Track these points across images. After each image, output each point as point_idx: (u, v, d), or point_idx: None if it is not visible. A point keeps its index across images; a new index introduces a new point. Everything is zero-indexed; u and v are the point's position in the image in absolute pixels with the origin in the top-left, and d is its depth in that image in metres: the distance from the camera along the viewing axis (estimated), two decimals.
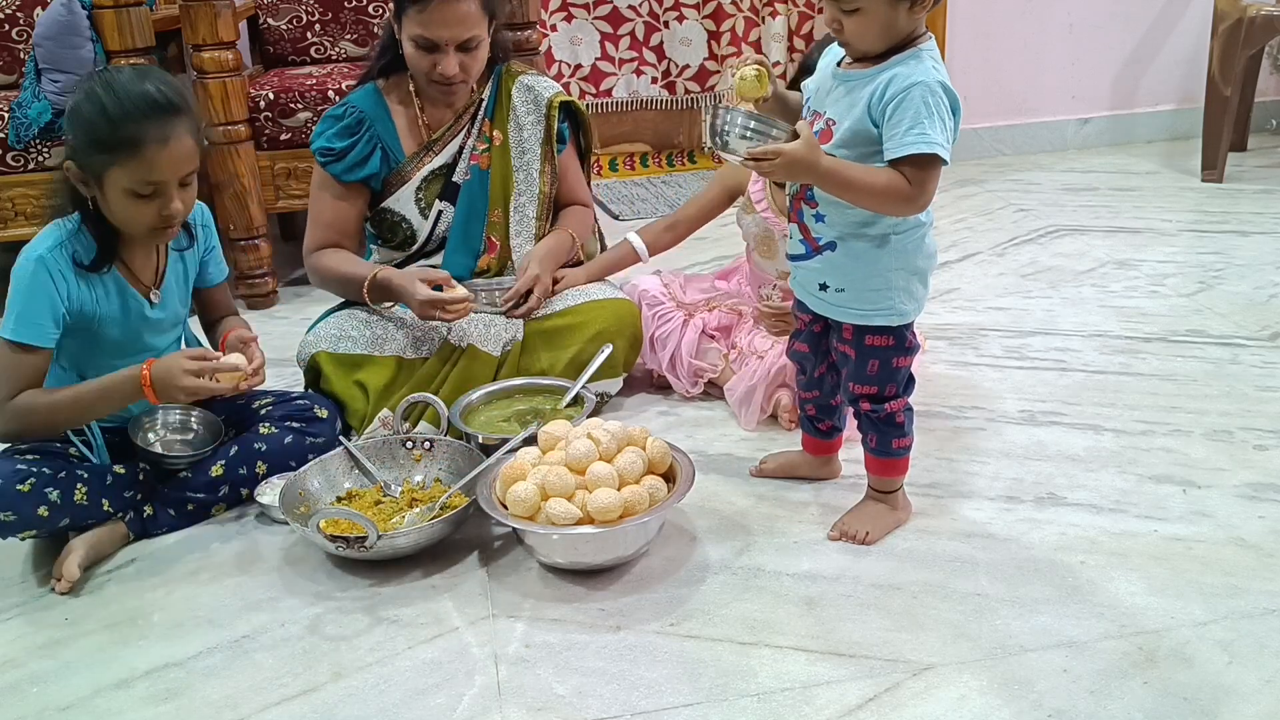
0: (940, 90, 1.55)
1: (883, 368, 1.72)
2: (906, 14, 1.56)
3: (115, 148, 1.68)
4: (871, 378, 1.72)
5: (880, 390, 1.73)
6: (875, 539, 1.76)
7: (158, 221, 1.75)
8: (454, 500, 1.80)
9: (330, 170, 2.25)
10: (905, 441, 1.77)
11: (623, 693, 1.46)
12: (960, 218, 3.41)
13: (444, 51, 2.14)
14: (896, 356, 1.72)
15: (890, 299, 1.67)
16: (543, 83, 2.37)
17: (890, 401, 1.73)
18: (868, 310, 1.68)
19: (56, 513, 1.74)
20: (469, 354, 2.17)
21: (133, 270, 1.84)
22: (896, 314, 1.68)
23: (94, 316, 1.79)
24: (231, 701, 1.49)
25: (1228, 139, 3.60)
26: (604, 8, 3.95)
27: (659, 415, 2.24)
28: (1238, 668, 1.45)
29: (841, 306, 1.70)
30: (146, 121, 1.68)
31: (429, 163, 2.29)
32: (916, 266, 1.68)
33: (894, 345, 1.71)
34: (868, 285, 1.67)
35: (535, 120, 2.34)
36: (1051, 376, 2.31)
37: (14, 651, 1.62)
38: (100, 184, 1.72)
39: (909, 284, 1.68)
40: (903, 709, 1.41)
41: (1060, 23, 4.00)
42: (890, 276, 1.66)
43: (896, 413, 1.74)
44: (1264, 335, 2.45)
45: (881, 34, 1.58)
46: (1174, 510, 1.81)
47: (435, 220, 2.31)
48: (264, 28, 3.31)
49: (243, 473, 1.93)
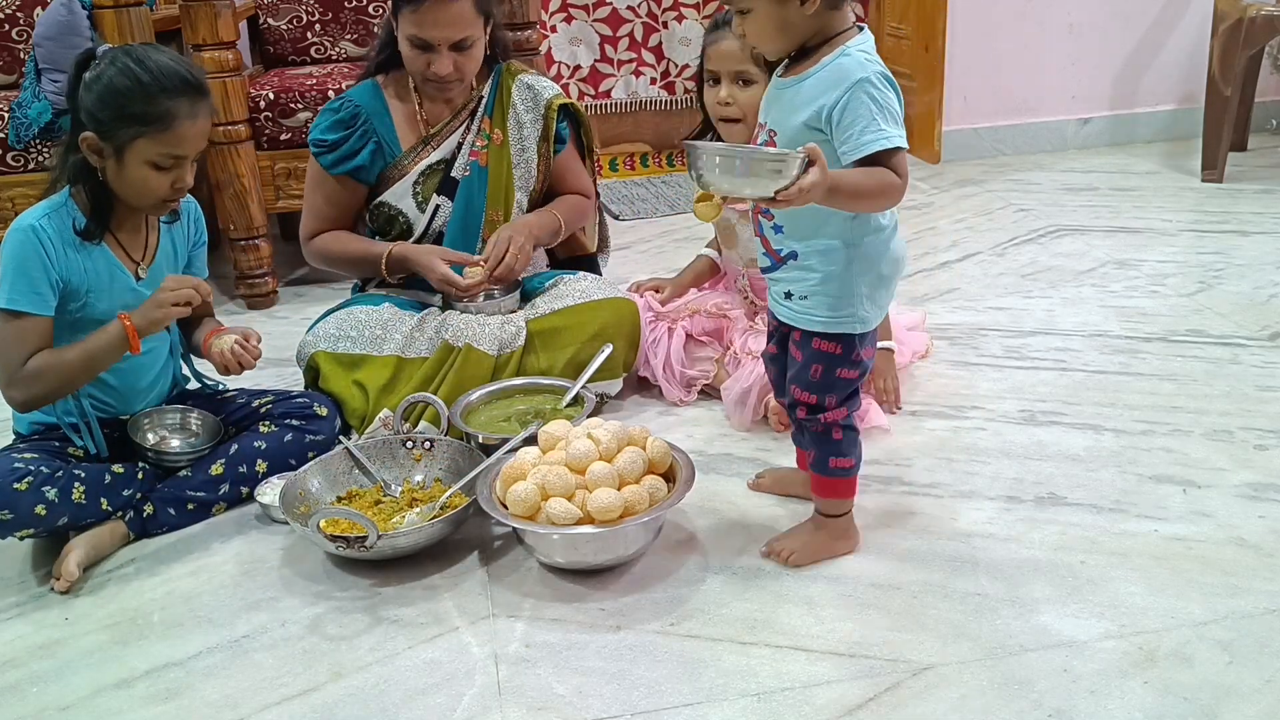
0: (881, 82, 1.51)
1: (825, 374, 1.65)
2: (798, 11, 1.51)
3: (149, 120, 1.73)
4: (813, 383, 1.65)
5: (819, 399, 1.66)
6: (800, 563, 1.71)
7: (169, 194, 1.80)
8: (454, 500, 1.80)
9: (321, 161, 2.29)
10: (845, 462, 1.69)
11: (623, 693, 1.46)
12: (960, 218, 3.41)
13: (437, 51, 2.16)
14: (841, 366, 1.64)
15: (852, 306, 1.61)
16: (542, 83, 2.37)
17: (826, 413, 1.66)
18: (829, 317, 1.62)
19: (54, 511, 1.74)
20: (467, 354, 2.17)
21: (122, 244, 1.86)
22: (858, 321, 1.62)
23: (81, 288, 1.80)
24: (231, 701, 1.49)
25: (1228, 139, 3.60)
26: (603, 9, 3.95)
27: (659, 415, 2.24)
28: (1238, 668, 1.45)
29: (805, 314, 1.64)
30: (181, 97, 1.75)
31: (426, 157, 2.30)
32: (880, 273, 1.62)
33: (841, 354, 1.64)
34: (830, 292, 1.61)
35: (534, 120, 2.36)
36: (1051, 376, 2.31)
37: (14, 651, 1.62)
38: (120, 154, 1.76)
39: (873, 291, 1.62)
40: (903, 709, 1.41)
41: (1060, 23, 3.99)
42: (854, 283, 1.60)
43: (834, 426, 1.66)
44: (1264, 335, 2.45)
45: (778, 33, 1.54)
46: (1174, 510, 1.81)
47: (432, 214, 2.32)
48: (264, 28, 3.31)
49: (243, 471, 1.93)
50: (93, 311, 1.82)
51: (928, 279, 2.89)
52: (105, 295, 1.83)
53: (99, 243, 1.82)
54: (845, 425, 1.68)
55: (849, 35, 1.56)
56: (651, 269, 2.82)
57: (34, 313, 1.76)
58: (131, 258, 1.87)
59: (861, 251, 1.60)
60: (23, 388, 1.78)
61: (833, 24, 1.55)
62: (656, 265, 2.97)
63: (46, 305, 1.76)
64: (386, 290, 2.37)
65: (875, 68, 1.52)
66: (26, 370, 1.76)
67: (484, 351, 2.18)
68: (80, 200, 1.81)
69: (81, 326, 1.81)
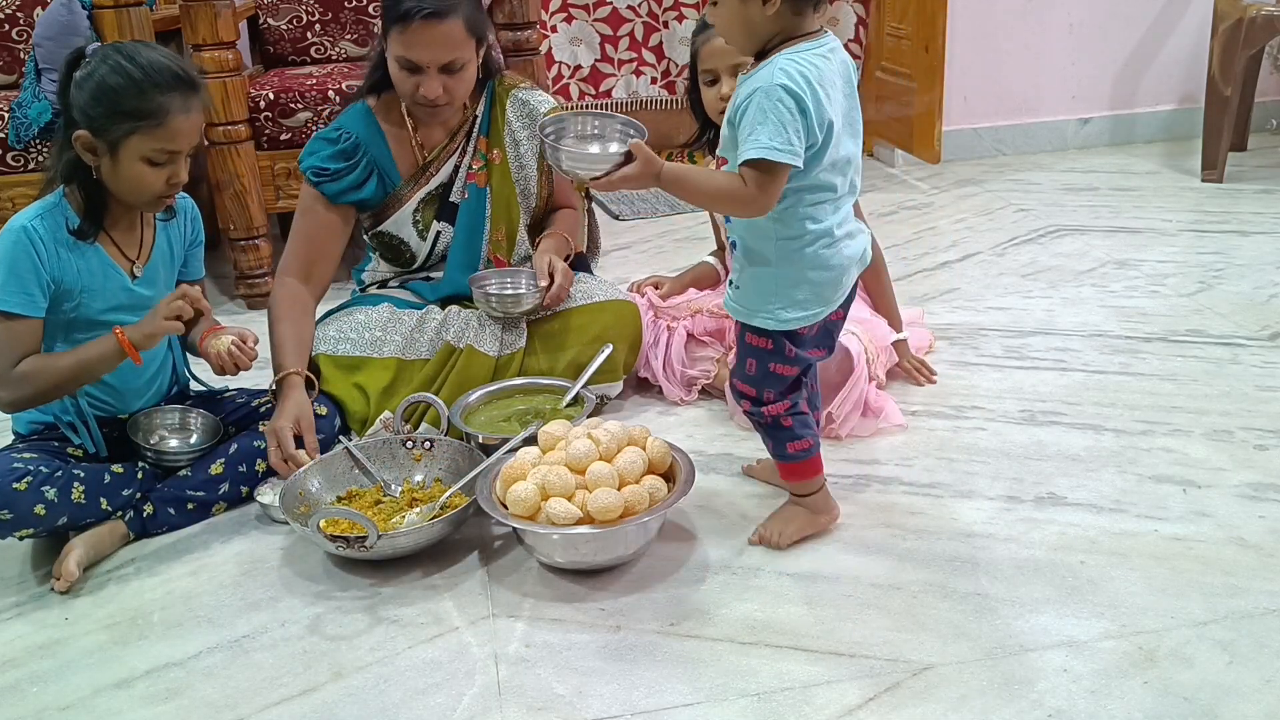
0: (780, 92, 1.50)
1: (759, 369, 1.68)
2: (760, 10, 1.52)
3: (142, 115, 1.73)
4: (750, 378, 1.69)
5: (758, 393, 1.69)
6: (786, 543, 1.75)
7: (164, 190, 1.80)
8: (454, 500, 1.80)
9: (325, 190, 2.21)
10: (801, 445, 1.72)
11: (623, 693, 1.46)
12: (960, 218, 3.41)
13: (426, 73, 2.12)
14: (773, 361, 1.67)
15: (770, 302, 1.64)
16: (537, 96, 2.34)
17: (766, 406, 1.69)
18: (751, 309, 1.66)
19: (54, 511, 1.74)
20: (467, 355, 2.17)
21: (116, 243, 1.86)
22: (774, 320, 1.64)
23: (75, 288, 1.80)
24: (231, 701, 1.49)
25: (1228, 139, 3.60)
26: (604, 9, 3.95)
27: (659, 415, 2.24)
28: (1238, 668, 1.45)
29: (734, 303, 1.69)
30: (174, 92, 1.75)
31: (425, 185, 2.28)
32: (806, 277, 1.63)
33: (772, 350, 1.66)
34: (756, 286, 1.65)
35: (530, 136, 2.32)
36: (1051, 376, 2.31)
37: (14, 651, 1.62)
38: (114, 151, 1.75)
39: (795, 292, 1.63)
40: (903, 709, 1.41)
41: (1060, 23, 4.00)
42: (776, 282, 1.63)
43: (780, 417, 1.69)
44: (1264, 335, 2.45)
45: (742, 30, 1.56)
46: (1174, 510, 1.81)
47: (434, 241, 2.31)
48: (264, 28, 3.31)
49: (242, 470, 1.93)
50: (87, 311, 1.82)
51: (928, 279, 2.90)
52: (99, 295, 1.83)
53: (93, 242, 1.82)
54: (792, 414, 1.71)
55: (809, 39, 1.55)
56: (651, 269, 2.81)
57: (24, 314, 1.75)
58: (126, 256, 1.87)
59: (786, 252, 1.62)
60: (10, 389, 1.78)
61: (796, 26, 1.55)
62: (656, 265, 2.97)
63: (37, 307, 1.76)
64: (385, 290, 2.37)
65: (781, 80, 1.50)
66: (15, 372, 1.76)
67: (485, 353, 2.18)
68: (74, 200, 1.81)
69: (77, 326, 1.82)
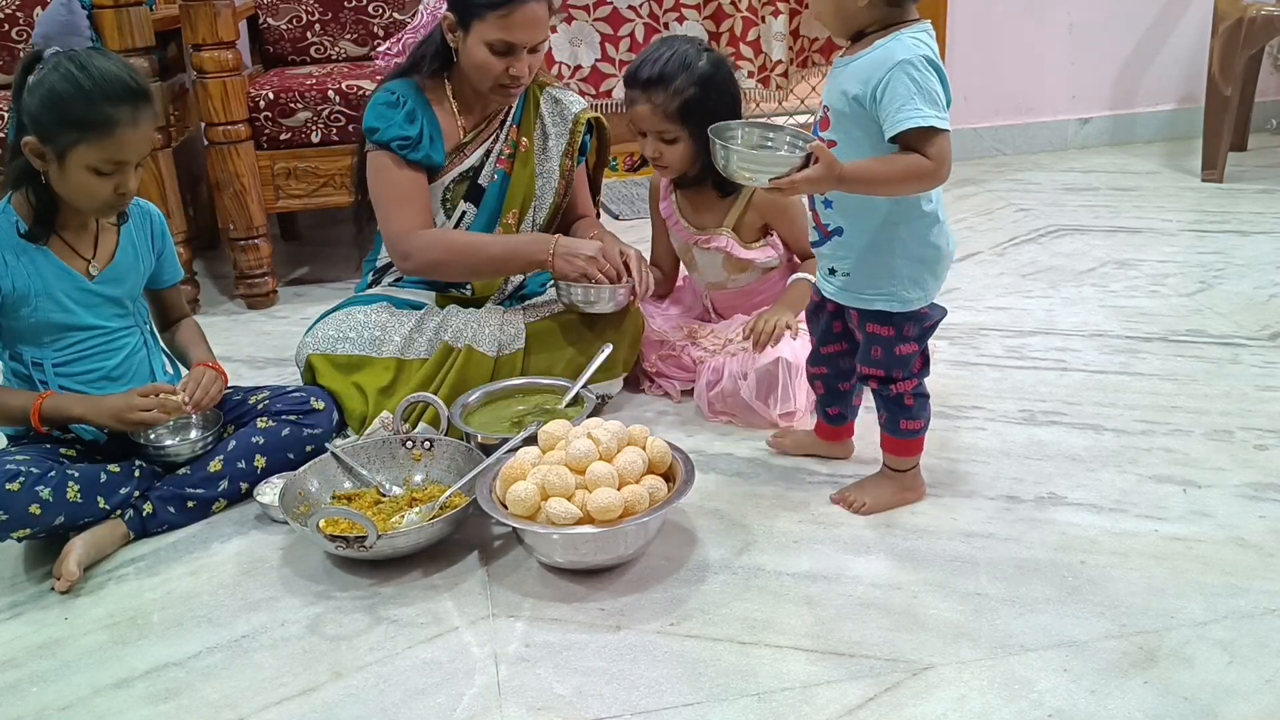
0: (924, 64, 1.57)
1: (886, 353, 1.75)
2: (853, 1, 1.60)
3: (89, 126, 1.73)
4: (877, 361, 1.76)
5: (886, 373, 1.76)
6: (871, 511, 1.81)
7: (113, 199, 1.80)
8: (454, 500, 1.80)
9: (410, 157, 2.20)
10: (915, 424, 1.80)
11: (623, 693, 1.46)
12: (960, 218, 3.41)
13: (518, 54, 2.15)
14: (898, 345, 1.74)
15: (892, 285, 1.70)
16: (569, 97, 2.40)
17: (896, 384, 1.76)
18: (869, 295, 1.72)
19: (49, 511, 1.74)
20: (466, 354, 2.17)
21: (69, 243, 1.86)
22: (897, 300, 1.71)
23: (28, 293, 1.81)
24: (231, 701, 1.49)
25: (1228, 139, 3.60)
26: (604, 9, 3.95)
27: (659, 415, 2.24)
28: (1238, 667, 1.45)
29: (846, 290, 1.74)
30: (123, 104, 1.74)
31: (458, 165, 2.30)
32: (924, 255, 1.69)
33: (894, 335, 1.73)
34: (871, 270, 1.70)
35: (560, 133, 2.37)
36: (1051, 376, 2.31)
37: (13, 651, 1.62)
38: (62, 159, 1.75)
39: (915, 272, 1.70)
40: (903, 709, 1.41)
41: (1060, 23, 4.00)
42: (895, 264, 1.69)
43: (905, 395, 1.77)
44: (1264, 335, 2.45)
45: (834, 17, 1.64)
46: (1174, 510, 1.81)
47: (459, 221, 2.32)
48: (264, 28, 3.31)
49: (241, 467, 1.93)
50: (47, 314, 1.83)
51: None
52: (54, 298, 1.84)
53: (43, 245, 1.82)
54: (916, 394, 1.78)
55: (907, 26, 1.62)
56: None
57: None
58: (81, 256, 1.87)
59: (904, 233, 1.67)
60: None
61: (892, 16, 1.62)
62: None
63: None
64: (384, 289, 2.37)
65: (921, 51, 1.58)
66: None
67: (484, 352, 2.18)
68: (22, 205, 1.81)
69: (41, 329, 1.84)
